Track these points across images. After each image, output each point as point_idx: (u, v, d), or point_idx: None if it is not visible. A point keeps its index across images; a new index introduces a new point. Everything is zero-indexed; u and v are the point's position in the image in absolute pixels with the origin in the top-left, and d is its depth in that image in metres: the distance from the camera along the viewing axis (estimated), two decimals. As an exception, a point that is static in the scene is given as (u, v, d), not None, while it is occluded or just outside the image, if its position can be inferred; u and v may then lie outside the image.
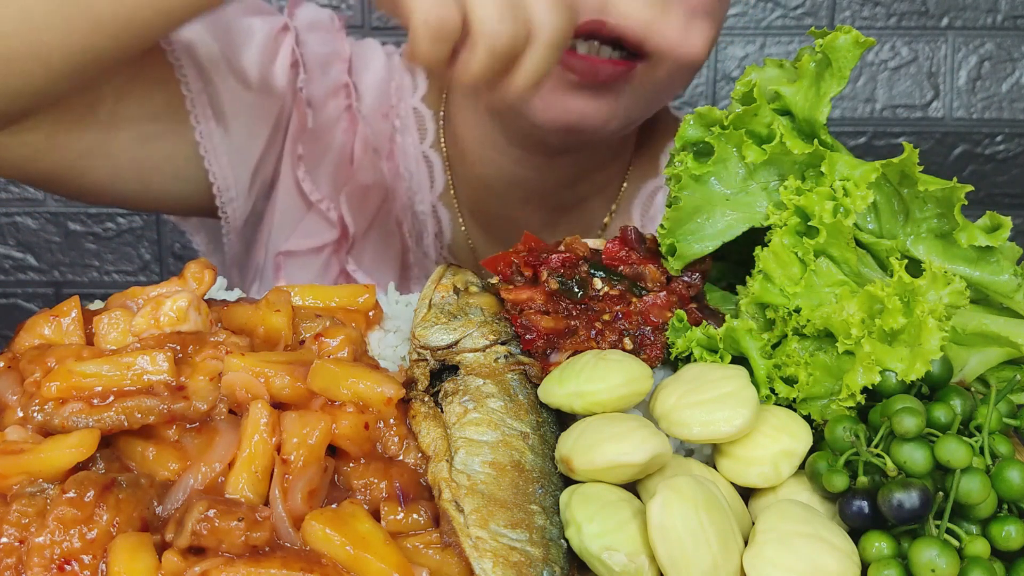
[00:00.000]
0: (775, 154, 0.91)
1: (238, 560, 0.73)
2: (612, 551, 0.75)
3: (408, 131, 1.55)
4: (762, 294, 0.89)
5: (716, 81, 2.14)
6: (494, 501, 0.80)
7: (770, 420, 0.84)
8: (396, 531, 0.79)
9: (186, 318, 0.88)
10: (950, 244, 0.89)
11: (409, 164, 1.53)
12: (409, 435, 0.86)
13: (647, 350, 0.90)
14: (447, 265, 0.98)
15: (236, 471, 0.78)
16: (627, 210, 1.57)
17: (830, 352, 0.87)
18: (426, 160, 1.54)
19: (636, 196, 1.57)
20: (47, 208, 2.26)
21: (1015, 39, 2.13)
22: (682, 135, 0.95)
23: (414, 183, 1.54)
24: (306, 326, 0.92)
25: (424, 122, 1.55)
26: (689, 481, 0.76)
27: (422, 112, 1.55)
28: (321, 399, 0.84)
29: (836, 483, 0.80)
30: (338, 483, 0.83)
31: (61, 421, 0.80)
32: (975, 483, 0.78)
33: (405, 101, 1.56)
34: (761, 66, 0.97)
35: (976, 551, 0.77)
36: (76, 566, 0.73)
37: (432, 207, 1.54)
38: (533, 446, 0.84)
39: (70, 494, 0.74)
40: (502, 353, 0.90)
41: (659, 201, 1.57)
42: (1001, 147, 2.18)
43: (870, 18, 2.12)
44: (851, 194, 0.87)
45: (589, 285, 0.93)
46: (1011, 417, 0.86)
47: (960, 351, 0.90)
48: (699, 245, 0.94)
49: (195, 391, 0.83)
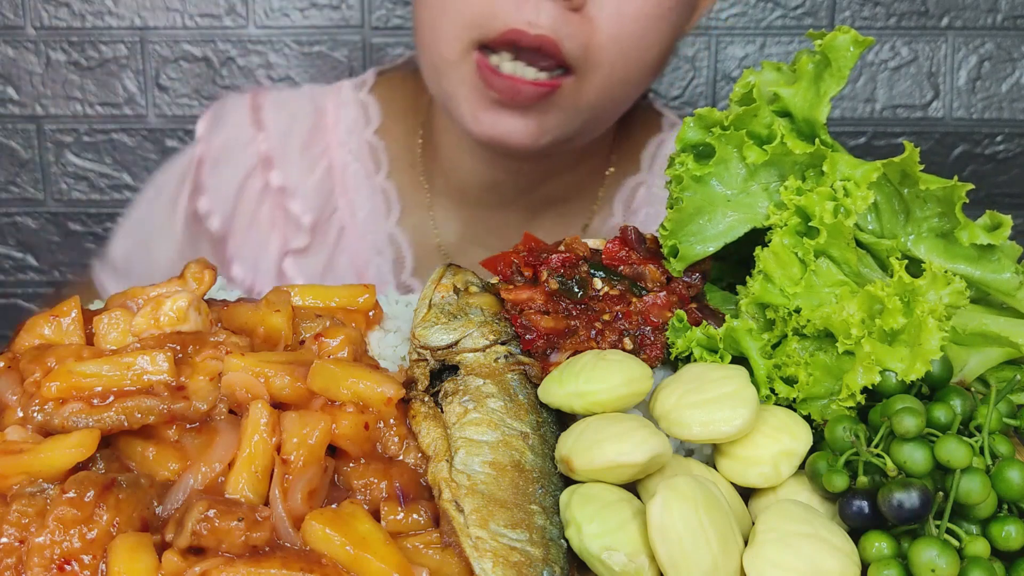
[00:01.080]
0: (776, 155, 0.91)
1: (238, 560, 0.73)
2: (612, 551, 0.75)
3: (362, 163, 1.56)
4: (762, 294, 0.89)
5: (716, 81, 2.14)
6: (494, 501, 0.80)
7: (770, 420, 0.84)
8: (396, 531, 0.79)
9: (186, 318, 0.88)
10: (951, 243, 0.89)
11: (363, 197, 1.55)
12: (409, 435, 0.86)
13: (647, 350, 0.90)
14: (447, 265, 0.98)
15: (236, 471, 0.78)
16: (609, 206, 1.57)
17: (830, 352, 0.87)
18: (382, 191, 1.56)
19: (618, 191, 1.58)
20: (47, 208, 2.26)
21: (1015, 39, 2.13)
22: (682, 137, 0.95)
23: (369, 215, 1.55)
24: (306, 326, 0.92)
25: (378, 154, 1.56)
26: (689, 481, 0.76)
27: (376, 145, 1.56)
28: (321, 399, 0.84)
29: (836, 483, 0.80)
30: (338, 483, 0.83)
31: (61, 421, 0.80)
32: (975, 483, 0.78)
33: (357, 135, 1.57)
34: (759, 68, 0.97)
35: (976, 551, 0.77)
36: (76, 566, 0.73)
37: (389, 235, 1.55)
38: (533, 446, 0.84)
39: (70, 494, 0.74)
40: (502, 353, 0.90)
41: (641, 196, 1.58)
42: (1001, 147, 2.18)
43: (870, 18, 2.12)
44: (852, 194, 0.87)
45: (589, 285, 0.93)
46: (1011, 417, 0.86)
47: (960, 351, 0.90)
48: (701, 246, 0.94)
49: (195, 391, 0.83)
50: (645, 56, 1.30)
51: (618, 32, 1.24)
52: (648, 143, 1.60)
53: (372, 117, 1.58)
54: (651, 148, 1.59)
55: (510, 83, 1.24)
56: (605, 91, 1.30)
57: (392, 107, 1.59)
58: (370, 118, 1.58)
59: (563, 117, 1.30)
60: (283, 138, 1.57)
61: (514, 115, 1.28)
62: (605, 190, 1.57)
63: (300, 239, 1.55)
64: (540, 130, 1.29)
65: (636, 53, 1.28)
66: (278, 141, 1.56)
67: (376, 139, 1.56)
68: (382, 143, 1.56)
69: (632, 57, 1.28)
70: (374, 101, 1.59)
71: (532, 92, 1.25)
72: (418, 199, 1.57)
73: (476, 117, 1.29)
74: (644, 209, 1.57)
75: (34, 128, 2.21)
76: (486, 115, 1.28)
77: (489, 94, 1.27)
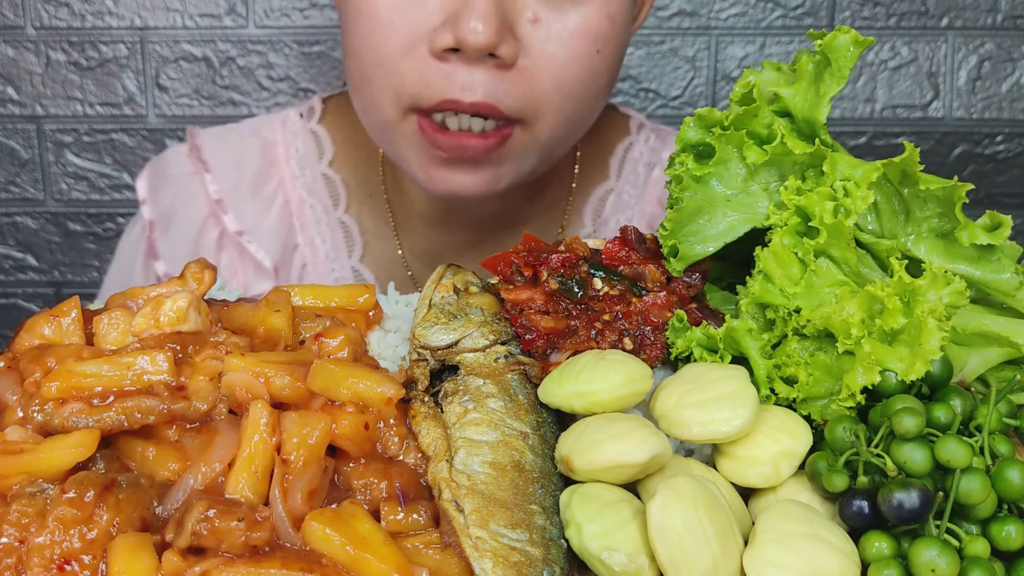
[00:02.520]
0: (776, 154, 0.91)
1: (238, 560, 0.73)
2: (612, 551, 0.75)
3: (319, 198, 1.50)
4: (762, 294, 0.89)
5: (716, 81, 2.14)
6: (494, 501, 0.80)
7: (770, 420, 0.84)
8: (396, 531, 0.79)
9: (186, 318, 0.88)
10: (951, 243, 0.89)
11: (323, 232, 1.49)
12: (409, 435, 0.86)
13: (647, 350, 0.90)
14: (447, 265, 0.98)
15: (236, 471, 0.78)
16: (579, 218, 1.52)
17: (830, 352, 0.87)
18: (342, 226, 1.50)
19: (586, 203, 1.53)
20: (47, 208, 2.26)
21: (1015, 39, 2.13)
22: (682, 137, 0.95)
23: (331, 251, 1.50)
24: (306, 326, 0.92)
25: (335, 187, 1.50)
26: (689, 481, 0.76)
27: (332, 177, 1.50)
28: (321, 399, 0.84)
29: (836, 483, 0.80)
30: (338, 483, 0.83)
31: (61, 421, 0.80)
32: (975, 483, 0.78)
33: (311, 168, 1.50)
34: (759, 68, 0.97)
35: (976, 551, 0.77)
36: (76, 566, 0.73)
37: (353, 270, 1.50)
38: (533, 446, 0.84)
39: (70, 494, 0.74)
40: (502, 353, 0.90)
41: (611, 204, 1.53)
42: (1001, 147, 2.18)
43: (870, 18, 2.12)
44: (852, 194, 0.87)
45: (589, 285, 0.93)
46: (1011, 417, 0.86)
47: (960, 351, 0.90)
48: (701, 246, 0.94)
49: (195, 391, 0.83)
50: (592, 89, 1.26)
51: (557, 78, 1.20)
52: (615, 149, 1.55)
53: (325, 148, 1.51)
54: (619, 153, 1.55)
55: (456, 141, 1.20)
56: (558, 129, 1.26)
57: (345, 136, 1.52)
58: (323, 149, 1.51)
59: (517, 163, 1.26)
60: (232, 177, 1.50)
61: (465, 170, 1.24)
62: (573, 202, 1.52)
63: (264, 282, 1.48)
64: (495, 179, 1.26)
65: (581, 89, 1.24)
66: (227, 182, 1.50)
67: (332, 172, 1.50)
68: (338, 176, 1.50)
69: (579, 94, 1.24)
70: (324, 131, 1.52)
71: (481, 147, 1.21)
72: (382, 231, 1.51)
73: (429, 176, 1.25)
74: (614, 217, 1.53)
75: (34, 128, 2.21)
76: (438, 172, 1.24)
77: (434, 154, 1.23)
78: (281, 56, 2.14)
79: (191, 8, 2.13)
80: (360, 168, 1.52)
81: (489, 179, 1.25)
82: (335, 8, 1.42)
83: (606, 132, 1.56)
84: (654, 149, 1.56)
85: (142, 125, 2.19)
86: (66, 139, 2.21)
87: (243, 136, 1.53)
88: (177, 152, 1.54)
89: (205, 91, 2.17)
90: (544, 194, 1.50)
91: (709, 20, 2.13)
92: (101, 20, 2.14)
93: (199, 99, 2.17)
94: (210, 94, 2.17)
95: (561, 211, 1.53)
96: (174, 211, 1.51)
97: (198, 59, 2.15)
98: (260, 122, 1.55)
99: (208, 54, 2.15)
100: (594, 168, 1.54)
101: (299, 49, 2.14)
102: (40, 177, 2.25)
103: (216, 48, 2.15)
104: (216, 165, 1.50)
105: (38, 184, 2.26)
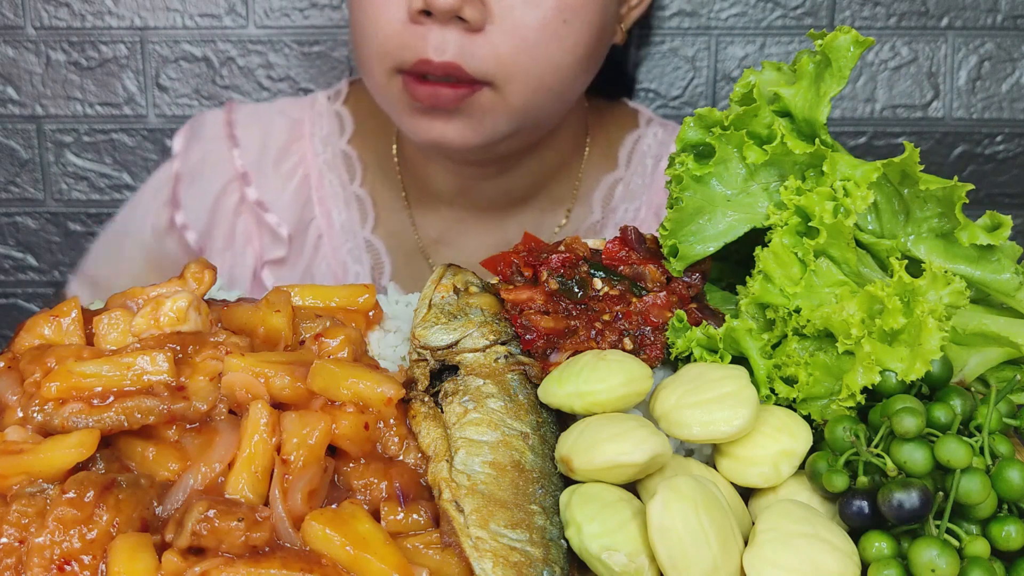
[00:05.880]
0: (776, 154, 0.91)
1: (238, 560, 0.73)
2: (612, 551, 0.75)
3: (336, 173, 1.62)
4: (762, 294, 0.89)
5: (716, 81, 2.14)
6: (494, 501, 0.80)
7: (770, 420, 0.84)
8: (396, 531, 0.79)
9: (186, 318, 0.88)
10: (951, 243, 0.89)
11: (339, 205, 1.60)
12: (409, 435, 0.86)
13: (647, 350, 0.90)
14: (447, 265, 0.98)
15: (236, 471, 0.78)
16: (587, 204, 1.61)
17: (830, 352, 0.87)
18: (357, 199, 1.61)
19: (596, 189, 1.61)
20: (47, 208, 2.26)
21: (1015, 39, 2.13)
22: (682, 137, 0.95)
23: (346, 222, 1.60)
24: (306, 326, 0.92)
25: (352, 163, 1.62)
26: (689, 481, 0.76)
27: (350, 154, 1.62)
28: (321, 399, 0.84)
29: (836, 483, 0.80)
30: (338, 483, 0.83)
31: (61, 421, 0.80)
32: (975, 483, 0.78)
33: (332, 145, 1.63)
34: (759, 68, 0.97)
35: (976, 551, 0.77)
36: (76, 566, 0.73)
37: (366, 241, 1.60)
38: (533, 446, 0.84)
39: (70, 494, 0.74)
40: (502, 353, 0.90)
41: (619, 192, 1.61)
42: (1001, 147, 2.18)
43: (870, 18, 2.12)
44: (852, 194, 0.87)
45: (589, 285, 0.93)
46: (1011, 417, 0.86)
47: (960, 351, 0.90)
48: (701, 246, 0.94)
49: (195, 391, 0.83)
50: (566, 59, 1.34)
51: (522, 43, 1.30)
52: (624, 140, 1.63)
53: (346, 127, 1.64)
54: (628, 145, 1.63)
55: (432, 90, 1.32)
56: (529, 96, 1.34)
57: (365, 116, 1.64)
58: (344, 128, 1.64)
59: (492, 120, 1.35)
60: (258, 154, 1.61)
61: (442, 119, 1.35)
62: (581, 188, 1.60)
63: (278, 250, 1.59)
64: (471, 132, 1.35)
65: (552, 57, 1.33)
66: (254, 157, 1.61)
67: (350, 148, 1.62)
68: (355, 152, 1.62)
69: (549, 62, 1.33)
70: (347, 111, 1.65)
71: (451, 95, 1.31)
72: (395, 205, 1.61)
73: (413, 126, 1.37)
74: (623, 205, 1.61)
75: (34, 128, 2.20)
76: (419, 123, 1.36)
77: (415, 105, 1.34)
78: (281, 56, 2.14)
79: (191, 8, 2.13)
80: (377, 145, 1.62)
81: (464, 130, 1.35)
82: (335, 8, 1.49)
83: (616, 124, 1.64)
84: (662, 143, 1.65)
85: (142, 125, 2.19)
86: (66, 139, 2.21)
87: (273, 115, 1.65)
88: (215, 116, 1.65)
89: (205, 91, 2.17)
90: (549, 180, 1.58)
91: (709, 20, 2.13)
92: (101, 20, 2.14)
93: (199, 99, 2.17)
94: (210, 94, 2.16)
95: (568, 197, 1.60)
96: (201, 169, 1.62)
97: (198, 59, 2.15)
98: (291, 102, 1.68)
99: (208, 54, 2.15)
100: (603, 157, 1.63)
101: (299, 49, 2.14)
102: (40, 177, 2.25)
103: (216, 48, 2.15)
104: (245, 141, 1.62)
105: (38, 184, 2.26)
